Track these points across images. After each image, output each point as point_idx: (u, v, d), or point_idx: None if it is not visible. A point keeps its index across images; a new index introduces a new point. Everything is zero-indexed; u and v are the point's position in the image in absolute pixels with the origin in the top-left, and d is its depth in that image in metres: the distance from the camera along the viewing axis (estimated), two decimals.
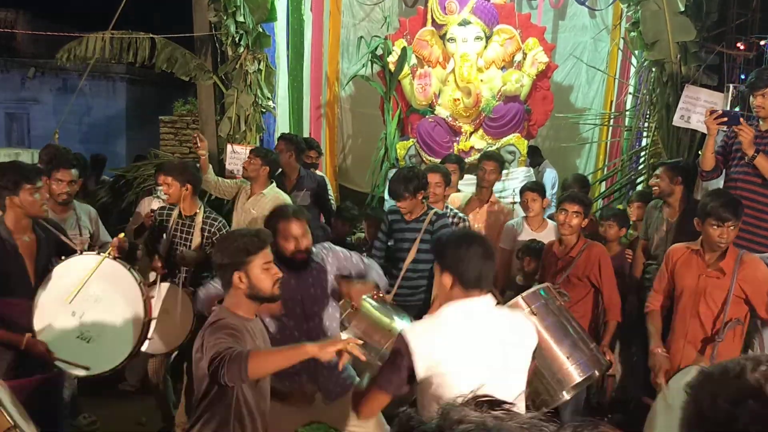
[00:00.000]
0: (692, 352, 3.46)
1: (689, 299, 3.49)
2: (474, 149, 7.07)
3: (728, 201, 3.40)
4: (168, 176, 4.41)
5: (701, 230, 3.46)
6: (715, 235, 3.36)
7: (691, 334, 3.48)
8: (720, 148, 4.40)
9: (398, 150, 7.27)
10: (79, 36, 7.38)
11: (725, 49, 6.63)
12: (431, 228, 4.28)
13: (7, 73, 13.79)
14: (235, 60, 7.26)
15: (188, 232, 4.44)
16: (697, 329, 3.47)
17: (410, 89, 7.24)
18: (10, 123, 13.90)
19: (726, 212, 3.32)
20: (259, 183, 5.06)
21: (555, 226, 4.64)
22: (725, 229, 3.34)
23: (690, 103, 5.51)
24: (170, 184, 4.38)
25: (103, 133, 13.09)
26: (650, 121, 6.79)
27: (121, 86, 13.47)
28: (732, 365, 1.10)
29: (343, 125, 8.80)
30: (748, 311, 3.45)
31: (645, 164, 6.76)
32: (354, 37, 8.41)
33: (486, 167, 5.21)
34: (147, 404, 4.75)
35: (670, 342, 3.58)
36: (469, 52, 6.91)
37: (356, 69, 7.98)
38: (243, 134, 7.28)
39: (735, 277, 3.37)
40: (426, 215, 4.33)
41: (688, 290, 3.49)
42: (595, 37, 8.27)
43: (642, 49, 6.76)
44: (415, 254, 4.32)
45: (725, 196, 3.52)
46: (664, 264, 3.70)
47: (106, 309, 3.26)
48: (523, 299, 3.32)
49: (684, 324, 3.51)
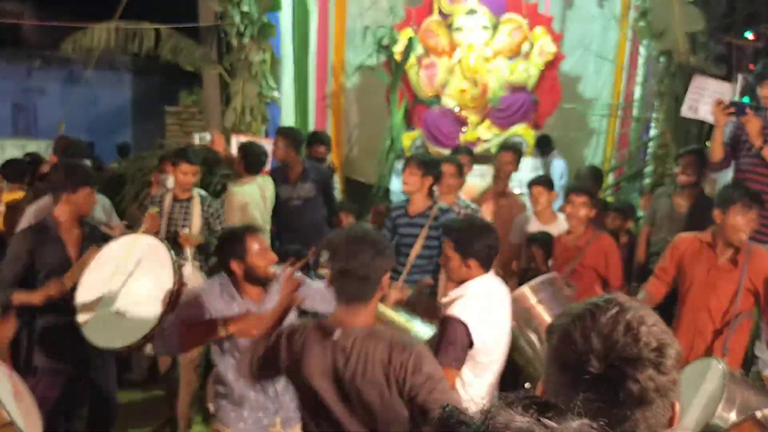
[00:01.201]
0: (702, 345, 3.43)
1: (699, 292, 3.45)
2: (480, 140, 7.04)
3: (753, 191, 3.43)
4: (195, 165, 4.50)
5: (721, 221, 3.39)
6: (741, 223, 3.31)
7: (700, 326, 3.45)
8: (729, 139, 4.36)
9: (404, 141, 7.25)
10: (85, 26, 7.37)
11: (734, 39, 6.57)
12: (435, 224, 4.18)
13: (13, 63, 13.80)
14: (240, 50, 7.23)
15: (186, 215, 4.50)
16: (707, 322, 3.44)
17: (416, 79, 7.21)
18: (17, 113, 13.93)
19: (753, 200, 3.32)
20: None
21: (565, 219, 4.63)
22: (750, 217, 3.30)
23: (698, 93, 5.46)
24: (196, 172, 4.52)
25: (108, 124, 13.11)
26: (658, 111, 6.75)
27: (126, 77, 13.49)
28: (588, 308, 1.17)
29: (349, 116, 8.77)
30: (755, 302, 3.43)
31: (653, 155, 6.72)
32: (360, 26, 8.37)
33: (503, 158, 5.14)
34: (154, 394, 4.77)
35: (677, 335, 3.55)
36: (475, 42, 6.88)
37: (362, 59, 7.95)
38: (248, 125, 7.26)
39: (745, 269, 3.34)
40: (431, 210, 4.22)
41: (698, 283, 3.45)
42: (604, 27, 8.21)
43: (650, 39, 6.71)
44: (420, 250, 4.22)
45: (748, 187, 3.54)
46: (669, 252, 3.62)
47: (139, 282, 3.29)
48: (530, 289, 3.32)
49: (693, 317, 3.47)
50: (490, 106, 7.04)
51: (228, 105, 7.42)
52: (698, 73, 5.84)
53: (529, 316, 3.27)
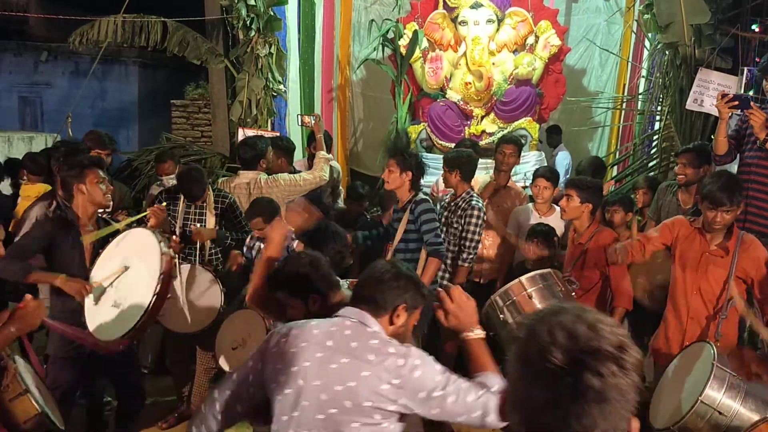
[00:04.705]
0: (697, 329, 3.48)
1: (691, 276, 3.50)
2: (485, 133, 7.05)
3: (725, 185, 3.33)
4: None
5: (701, 210, 3.46)
6: (709, 217, 3.37)
7: (693, 310, 3.49)
8: (734, 132, 4.37)
9: (409, 134, 7.27)
10: (92, 20, 7.41)
11: (740, 32, 6.56)
12: (412, 218, 4.25)
13: (20, 56, 13.81)
14: (246, 44, 7.26)
15: (201, 213, 4.54)
16: (700, 306, 3.48)
17: (421, 73, 7.22)
18: (24, 107, 13.96)
19: (721, 196, 3.30)
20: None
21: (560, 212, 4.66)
22: (719, 212, 3.33)
23: (703, 86, 5.47)
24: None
25: (115, 117, 13.12)
26: (663, 104, 6.74)
27: (133, 70, 13.48)
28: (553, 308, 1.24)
29: (354, 109, 8.80)
30: (746, 289, 3.46)
31: (657, 148, 6.73)
32: (365, 20, 8.38)
33: (505, 150, 5.17)
34: (161, 384, 4.82)
35: (671, 318, 3.59)
36: (480, 35, 6.88)
37: (367, 52, 7.96)
38: (254, 118, 7.30)
39: (736, 257, 3.38)
40: (410, 203, 4.29)
41: (690, 267, 3.49)
42: (609, 20, 8.20)
43: (655, 32, 6.70)
44: (397, 242, 4.32)
45: (724, 179, 3.40)
46: (663, 228, 3.65)
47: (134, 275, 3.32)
48: (521, 282, 3.36)
49: (686, 300, 3.51)
50: (495, 100, 7.05)
51: (234, 98, 7.45)
52: (703, 66, 5.85)
53: (520, 307, 3.33)
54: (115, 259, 3.42)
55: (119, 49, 10.94)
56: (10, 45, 13.83)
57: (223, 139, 8.04)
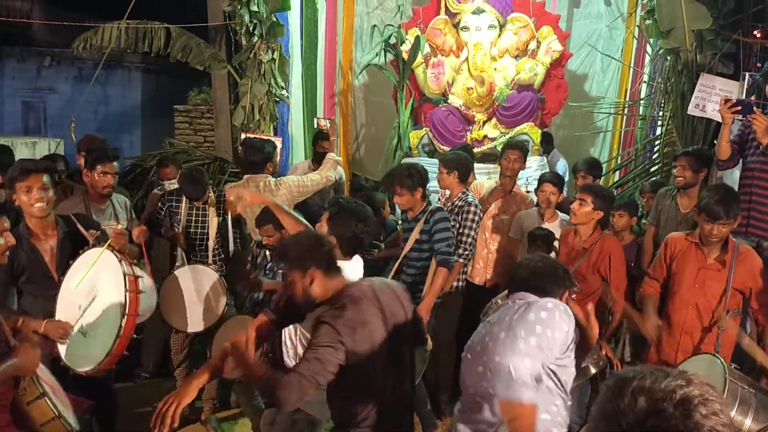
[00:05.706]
0: (689, 344, 3.47)
1: (687, 291, 3.49)
2: (487, 138, 7.06)
3: (722, 199, 3.33)
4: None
5: (698, 222, 3.46)
6: (706, 230, 3.37)
7: (687, 325, 3.49)
8: (736, 137, 4.37)
9: (411, 139, 7.28)
10: (95, 25, 7.45)
11: (742, 37, 6.56)
12: (427, 228, 4.24)
13: (24, 62, 13.87)
14: (249, 49, 7.29)
15: (204, 214, 4.58)
16: (694, 320, 3.48)
17: (423, 78, 7.23)
18: (27, 112, 14.01)
19: (718, 210, 3.30)
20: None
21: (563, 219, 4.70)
22: (716, 226, 3.33)
23: (705, 91, 5.47)
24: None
25: (118, 122, 13.17)
26: (665, 110, 6.74)
27: (136, 75, 13.53)
28: (649, 372, 1.13)
29: (357, 114, 8.81)
30: (741, 300, 3.46)
31: (659, 154, 6.73)
32: (367, 25, 8.41)
33: (510, 156, 5.17)
34: (163, 389, 4.82)
35: (665, 333, 3.58)
36: (482, 41, 6.89)
37: (370, 58, 7.99)
38: (257, 123, 7.32)
39: (733, 269, 3.38)
40: (424, 213, 4.28)
41: (688, 282, 3.49)
42: (610, 25, 8.21)
43: (657, 37, 6.71)
44: (407, 251, 4.31)
45: (721, 193, 3.40)
46: (661, 251, 3.67)
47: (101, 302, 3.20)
48: None
49: (681, 315, 3.51)
50: (497, 105, 7.05)
51: (237, 103, 7.48)
52: (705, 71, 5.85)
53: None
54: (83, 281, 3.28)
55: (122, 54, 10.98)
56: (13, 50, 13.89)
57: (225, 144, 8.07)
